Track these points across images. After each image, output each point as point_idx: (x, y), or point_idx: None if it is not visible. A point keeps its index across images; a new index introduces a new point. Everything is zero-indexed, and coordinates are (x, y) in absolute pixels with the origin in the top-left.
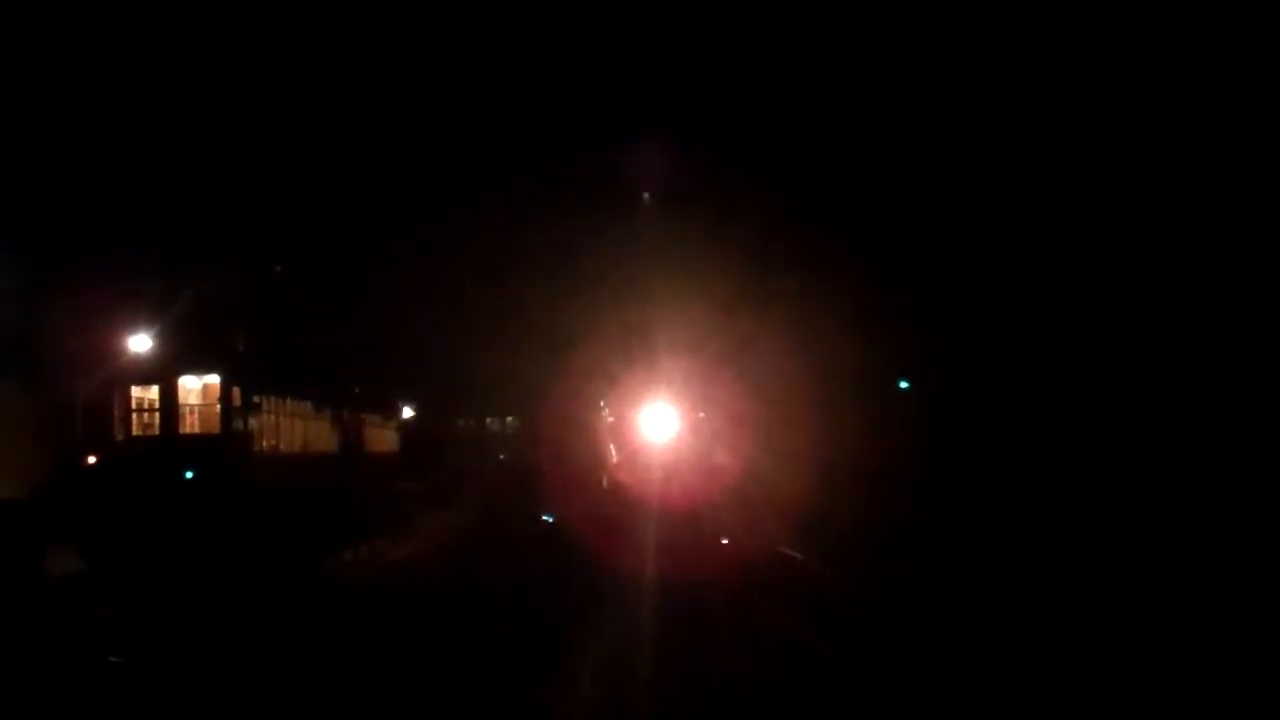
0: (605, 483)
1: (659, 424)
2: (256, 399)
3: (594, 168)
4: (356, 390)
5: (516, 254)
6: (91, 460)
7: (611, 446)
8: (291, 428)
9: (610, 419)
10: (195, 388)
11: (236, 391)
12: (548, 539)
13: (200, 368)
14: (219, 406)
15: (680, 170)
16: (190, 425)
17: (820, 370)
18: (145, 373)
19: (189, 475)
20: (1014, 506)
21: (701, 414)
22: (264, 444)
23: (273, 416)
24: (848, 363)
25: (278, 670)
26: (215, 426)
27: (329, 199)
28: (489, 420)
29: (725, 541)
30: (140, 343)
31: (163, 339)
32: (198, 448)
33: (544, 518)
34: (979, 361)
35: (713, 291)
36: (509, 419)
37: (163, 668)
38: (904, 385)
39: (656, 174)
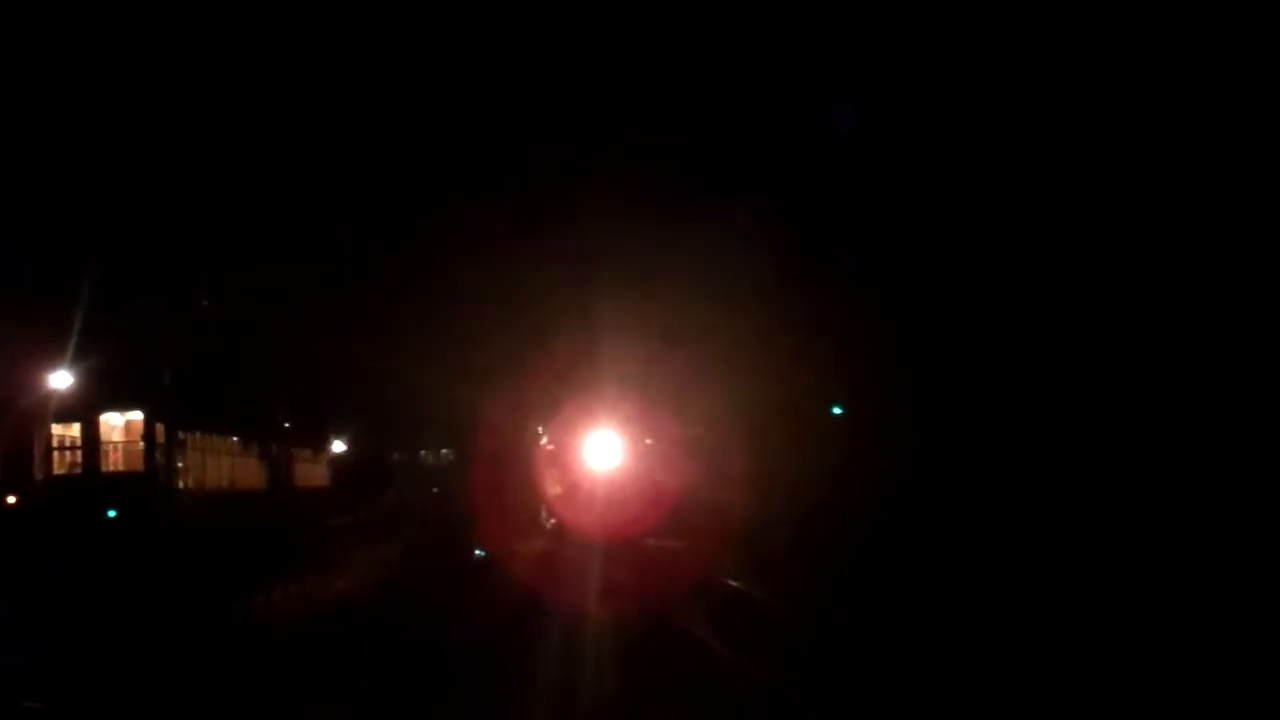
0: (544, 516)
1: (601, 452)
2: (181, 435)
3: (533, 196)
4: (286, 425)
5: (451, 284)
6: (11, 500)
7: (551, 478)
8: (218, 464)
9: (550, 448)
10: (119, 424)
11: (160, 428)
12: (481, 576)
13: (123, 404)
14: (142, 444)
15: (624, 200)
16: (114, 463)
17: (759, 397)
18: (67, 410)
19: (112, 514)
20: (938, 527)
21: (649, 440)
22: (189, 481)
23: (199, 453)
24: (785, 390)
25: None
26: (139, 464)
27: (257, 233)
28: (423, 453)
29: (666, 573)
30: (61, 379)
31: (85, 375)
32: (120, 486)
33: (476, 553)
34: (909, 388)
35: (654, 320)
36: (444, 451)
37: (84, 714)
38: (837, 411)
39: (598, 204)
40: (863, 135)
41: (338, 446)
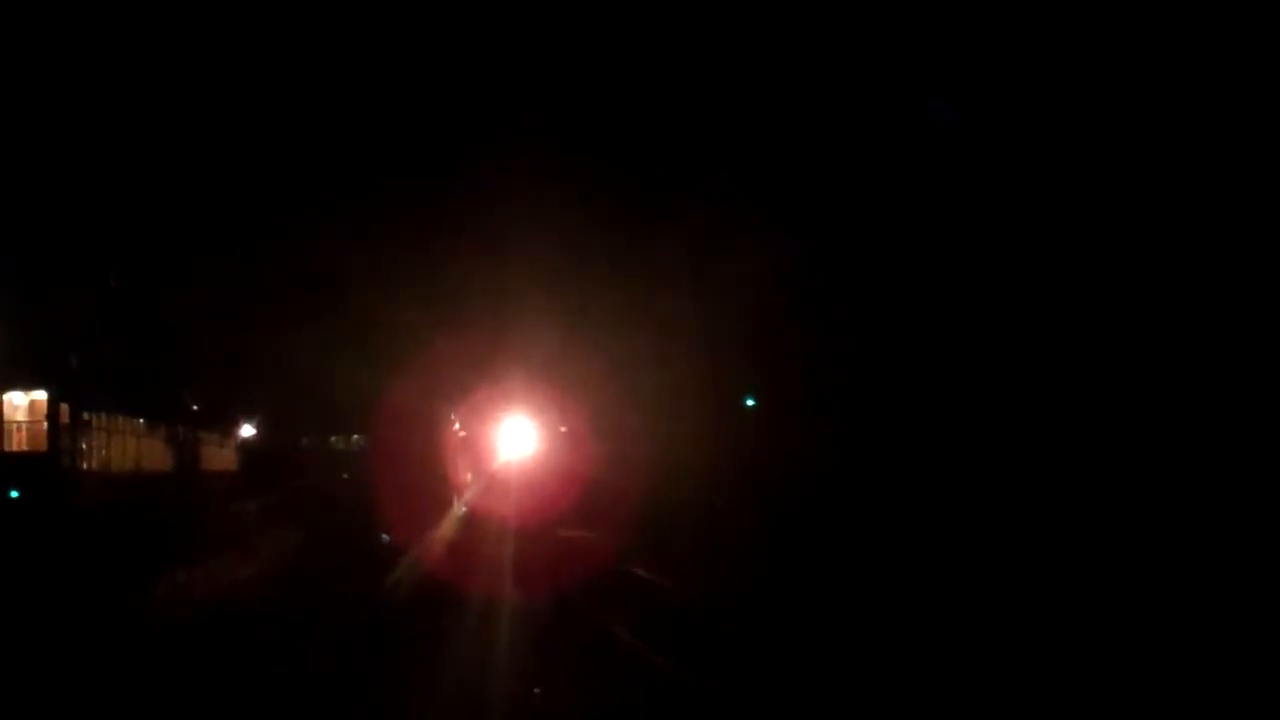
0: (456, 504)
1: (514, 439)
2: (86, 416)
3: (447, 177)
4: (195, 409)
5: (365, 266)
6: None
7: (463, 465)
8: (124, 446)
9: (463, 434)
10: (23, 404)
11: (65, 408)
12: (390, 564)
13: (27, 383)
14: (46, 424)
15: (539, 181)
16: (19, 443)
17: (672, 386)
18: None
19: (14, 495)
20: (849, 514)
21: (562, 428)
22: (93, 463)
23: (104, 434)
24: (698, 380)
25: (93, 703)
26: (43, 444)
27: (168, 212)
28: (334, 438)
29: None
30: None
31: None
32: (23, 466)
33: (382, 537)
34: (823, 380)
35: (568, 307)
36: (355, 437)
37: None
38: (750, 402)
39: (513, 184)
40: (779, 118)
41: (247, 431)
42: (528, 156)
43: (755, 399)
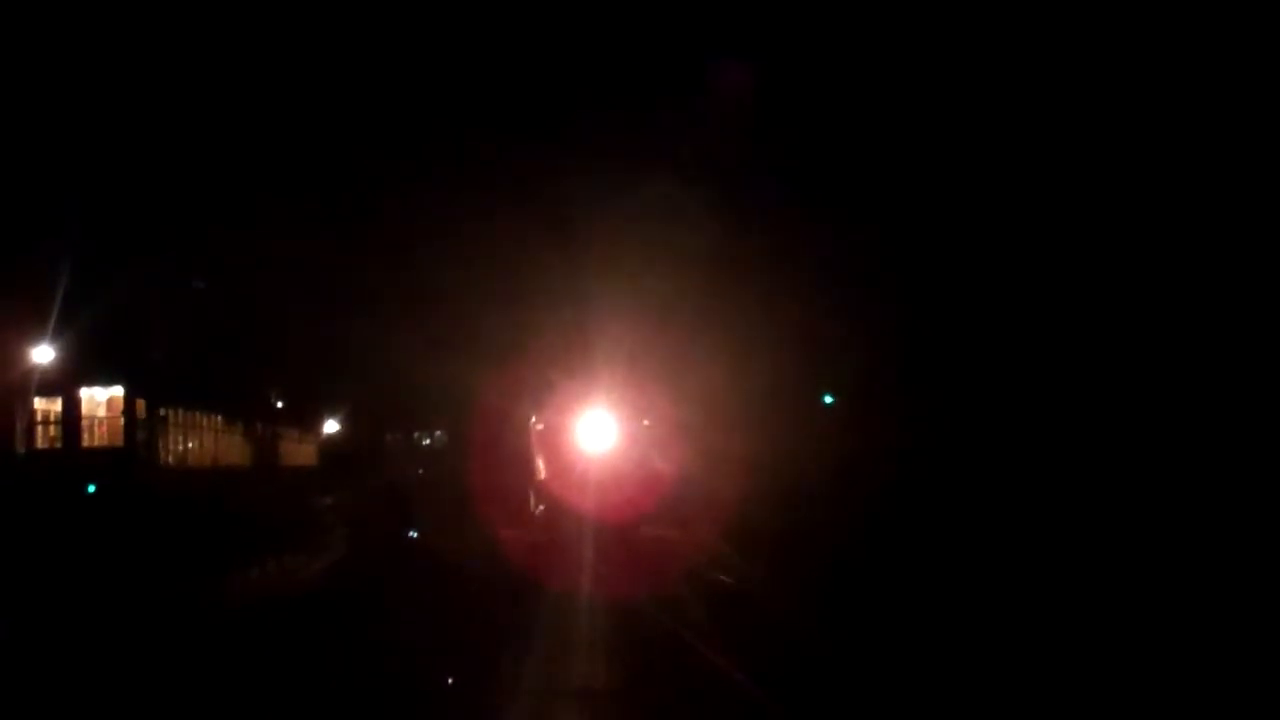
0: (533, 503)
1: (594, 434)
2: (163, 412)
3: (529, 172)
4: (279, 405)
5: (448, 264)
6: None
7: (539, 459)
8: (201, 441)
9: (540, 428)
10: (103, 400)
11: (141, 404)
12: (460, 566)
13: (105, 379)
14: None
15: (620, 178)
16: (100, 437)
17: (753, 383)
18: (49, 384)
19: (91, 489)
20: (936, 523)
21: (646, 422)
22: (170, 457)
23: (181, 430)
24: (778, 377)
25: (168, 695)
26: (120, 439)
27: (249, 209)
28: (417, 434)
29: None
30: (44, 353)
31: (67, 350)
32: (100, 461)
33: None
34: (898, 378)
35: (651, 301)
36: (438, 433)
37: (50, 690)
38: (829, 400)
39: (591, 184)
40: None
41: (331, 427)
42: (607, 155)
43: (834, 396)
